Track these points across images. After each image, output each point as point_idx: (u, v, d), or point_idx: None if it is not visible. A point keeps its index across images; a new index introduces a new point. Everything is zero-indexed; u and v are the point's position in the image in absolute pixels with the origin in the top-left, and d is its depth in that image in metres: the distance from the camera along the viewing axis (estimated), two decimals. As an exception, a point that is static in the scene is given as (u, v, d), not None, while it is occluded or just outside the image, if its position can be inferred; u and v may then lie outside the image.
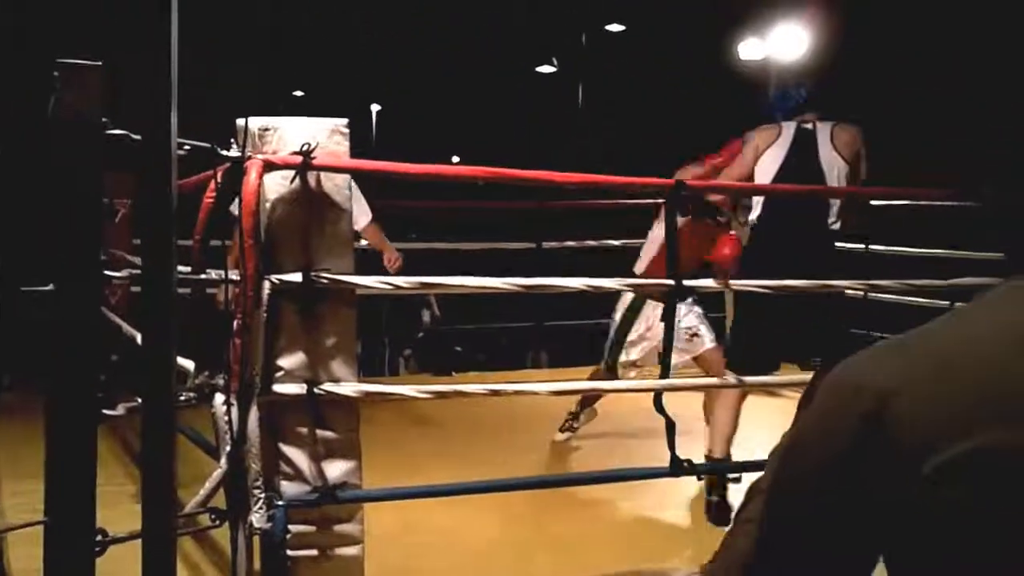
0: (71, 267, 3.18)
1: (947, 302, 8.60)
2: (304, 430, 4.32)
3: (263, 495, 4.09)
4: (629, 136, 28.03)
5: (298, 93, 32.08)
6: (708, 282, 5.76)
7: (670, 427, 5.10)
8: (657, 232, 7.01)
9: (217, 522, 4.02)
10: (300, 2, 27.35)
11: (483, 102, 33.45)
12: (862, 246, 9.61)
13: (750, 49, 14.86)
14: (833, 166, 6.26)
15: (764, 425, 6.68)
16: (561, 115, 32.03)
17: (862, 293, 8.53)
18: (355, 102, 29.49)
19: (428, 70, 31.86)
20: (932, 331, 1.52)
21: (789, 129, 6.37)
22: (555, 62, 31.51)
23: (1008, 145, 1.55)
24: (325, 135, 4.32)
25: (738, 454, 6.28)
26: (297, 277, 4.23)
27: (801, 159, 6.31)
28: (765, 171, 6.34)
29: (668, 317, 5.34)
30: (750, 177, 6.37)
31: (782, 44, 13.97)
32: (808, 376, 1.67)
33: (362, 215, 7.31)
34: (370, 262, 7.63)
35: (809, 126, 6.36)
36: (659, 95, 28.05)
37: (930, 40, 18.60)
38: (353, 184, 6.84)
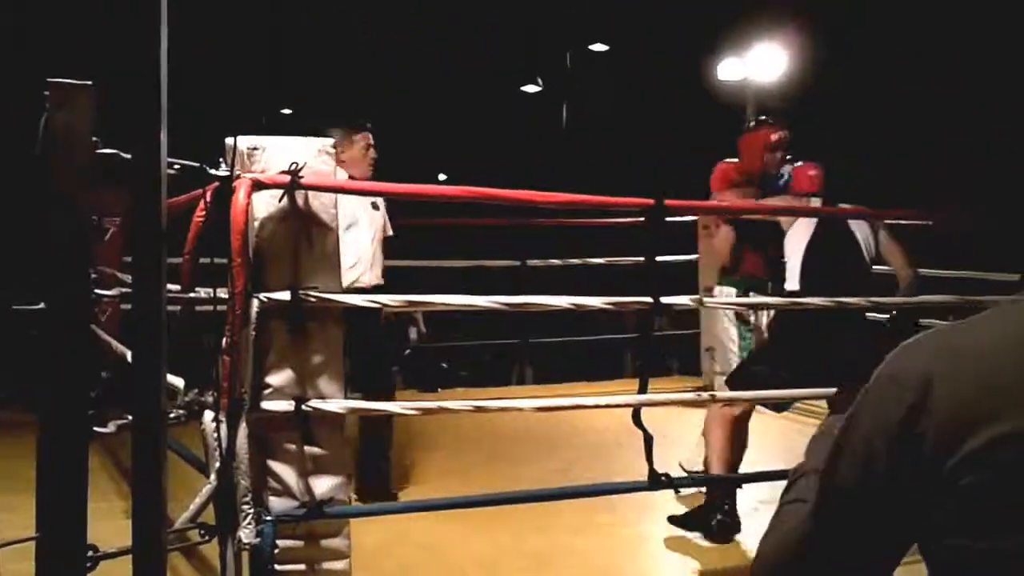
0: (61, 286, 3.19)
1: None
2: (292, 446, 4.32)
3: (252, 510, 4.09)
4: (613, 154, 28.07)
5: (286, 111, 32.07)
6: (684, 299, 5.78)
7: (648, 441, 5.10)
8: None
9: (206, 537, 4.02)
10: (291, 25, 27.37)
11: (470, 121, 33.48)
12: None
13: (729, 69, 14.90)
14: (863, 233, 6.45)
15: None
16: (546, 133, 32.09)
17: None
18: (343, 121, 29.48)
19: (415, 90, 31.88)
20: (967, 327, 1.69)
21: (815, 202, 6.54)
22: (540, 82, 31.52)
23: None
24: (312, 155, 4.33)
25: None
26: (285, 295, 4.23)
27: (831, 229, 6.44)
28: (796, 244, 6.47)
29: (643, 331, 5.35)
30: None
31: (760, 64, 14.02)
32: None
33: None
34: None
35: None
36: (642, 113, 28.09)
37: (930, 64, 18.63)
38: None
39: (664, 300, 5.19)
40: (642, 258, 5.88)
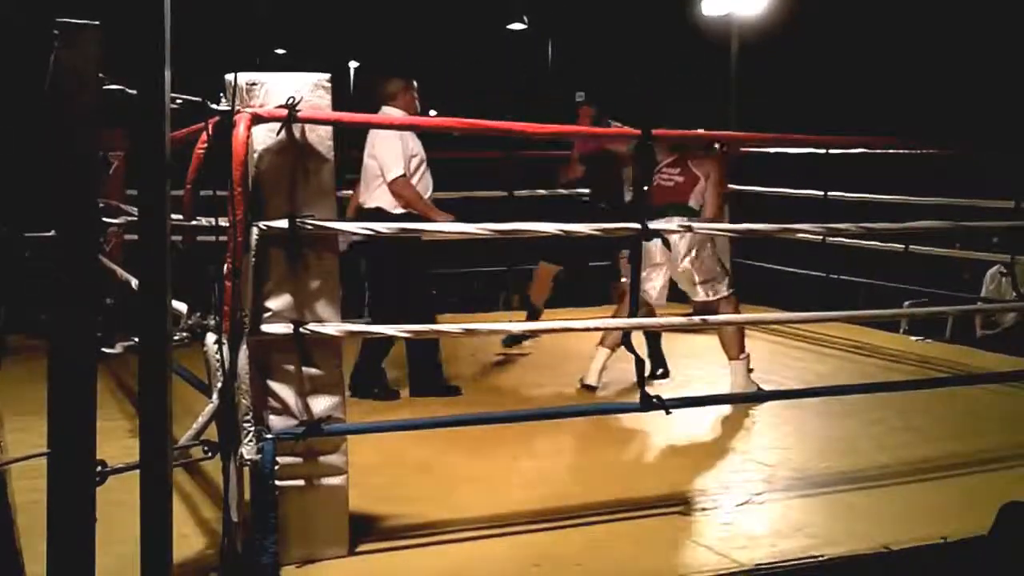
0: (71, 215, 3.22)
1: (901, 245, 8.68)
2: (291, 367, 4.39)
3: (253, 428, 4.15)
4: (598, 91, 27.98)
5: (280, 51, 32.00)
6: (673, 225, 5.81)
7: (639, 364, 5.13)
8: None
9: (209, 454, 4.08)
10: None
11: (457, 58, 33.37)
12: (820, 193, 9.65)
13: (713, 5, 14.80)
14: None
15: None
16: (532, 70, 32.04)
17: (820, 237, 8.59)
18: (334, 60, 29.44)
19: (404, 29, 31.74)
20: None
21: None
22: (526, 20, 31.36)
23: None
24: (308, 89, 4.37)
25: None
26: (283, 223, 4.28)
27: None
28: None
29: (635, 258, 5.38)
30: None
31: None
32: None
33: (393, 165, 6.96)
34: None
35: None
36: (627, 51, 27.98)
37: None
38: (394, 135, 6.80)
39: (652, 226, 5.21)
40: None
